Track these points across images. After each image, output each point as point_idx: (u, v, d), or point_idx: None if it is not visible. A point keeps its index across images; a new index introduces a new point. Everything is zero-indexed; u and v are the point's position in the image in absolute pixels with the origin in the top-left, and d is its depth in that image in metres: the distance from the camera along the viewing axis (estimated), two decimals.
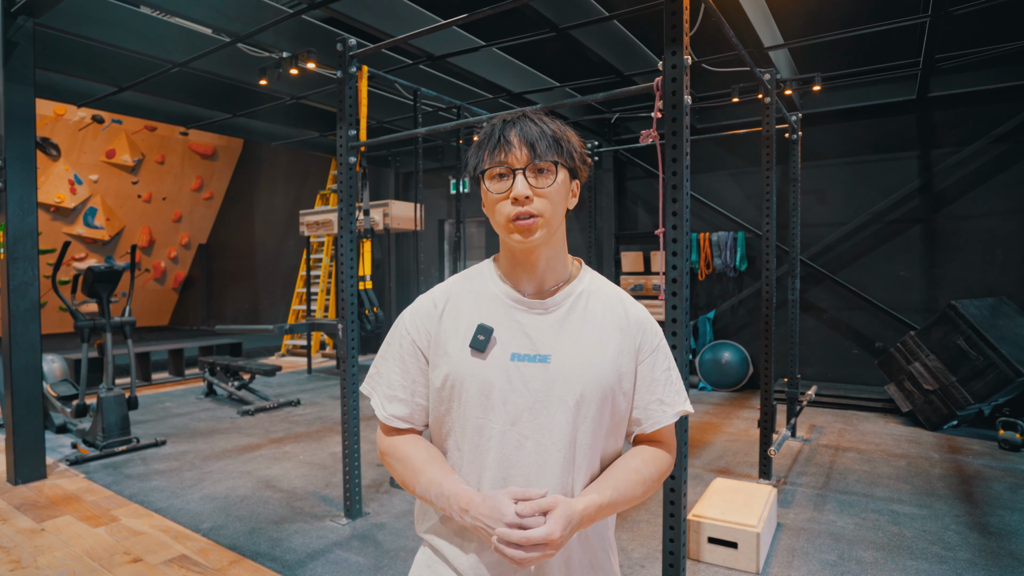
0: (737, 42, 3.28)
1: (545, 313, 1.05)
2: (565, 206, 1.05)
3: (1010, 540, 3.09)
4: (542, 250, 1.05)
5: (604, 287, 1.12)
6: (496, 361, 1.02)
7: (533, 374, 1.01)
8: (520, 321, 1.04)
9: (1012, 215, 5.78)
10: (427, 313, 1.10)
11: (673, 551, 2.24)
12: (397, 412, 1.09)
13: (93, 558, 2.95)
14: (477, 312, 1.06)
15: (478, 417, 1.02)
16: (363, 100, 3.76)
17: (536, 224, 1.00)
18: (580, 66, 5.96)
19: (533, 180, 1.00)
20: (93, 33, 4.89)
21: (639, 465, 1.05)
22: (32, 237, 4.03)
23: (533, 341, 1.03)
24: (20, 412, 3.99)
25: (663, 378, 1.10)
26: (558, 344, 1.03)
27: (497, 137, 1.02)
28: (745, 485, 3.34)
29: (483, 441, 1.02)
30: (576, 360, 1.02)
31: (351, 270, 3.37)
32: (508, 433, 1.01)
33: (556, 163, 1.01)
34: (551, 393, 1.01)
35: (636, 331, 1.09)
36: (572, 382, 1.01)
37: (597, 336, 1.05)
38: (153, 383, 7.58)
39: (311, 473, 4.22)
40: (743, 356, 7.06)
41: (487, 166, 1.02)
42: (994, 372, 4.89)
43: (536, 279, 1.07)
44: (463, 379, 1.02)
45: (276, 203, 12.42)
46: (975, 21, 4.85)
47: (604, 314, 1.08)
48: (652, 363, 1.09)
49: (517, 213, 0.99)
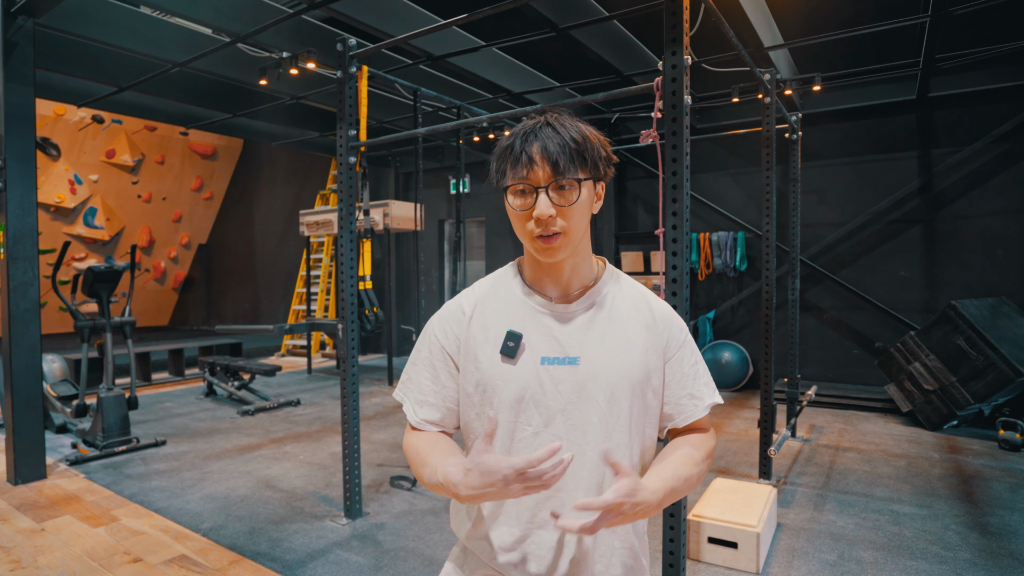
0: (737, 42, 3.28)
1: (572, 316, 1.06)
2: (590, 214, 1.05)
3: (1010, 540, 3.09)
4: (567, 260, 1.06)
5: (629, 287, 1.14)
6: (527, 366, 1.03)
7: (563, 376, 1.02)
8: (548, 325, 1.05)
9: (1012, 215, 5.78)
10: (456, 319, 1.11)
11: (673, 551, 2.24)
12: (428, 416, 1.11)
13: (93, 558, 2.95)
14: (505, 318, 1.07)
15: (509, 421, 1.03)
16: (363, 100, 3.76)
17: (560, 242, 1.01)
18: (580, 66, 5.96)
19: (556, 197, 0.99)
20: (93, 33, 4.89)
21: (689, 449, 1.07)
22: (32, 237, 4.03)
23: (562, 344, 1.04)
24: (20, 412, 3.99)
25: (691, 372, 1.11)
26: (586, 345, 1.04)
27: (519, 152, 1.00)
28: (745, 485, 3.34)
29: (514, 444, 1.03)
30: (604, 360, 1.04)
31: (351, 270, 3.37)
32: (542, 435, 1.02)
33: (579, 180, 1.00)
34: (582, 394, 1.02)
35: (663, 328, 1.10)
36: (602, 381, 1.02)
37: (624, 335, 1.06)
38: (153, 383, 7.58)
39: (311, 473, 4.22)
40: (743, 356, 7.06)
41: (509, 182, 1.02)
42: (994, 372, 4.89)
43: (562, 285, 1.08)
44: (495, 385, 1.03)
45: (276, 203, 12.42)
46: (975, 21, 4.85)
47: (630, 313, 1.09)
48: (680, 359, 1.11)
49: (539, 233, 1.00)
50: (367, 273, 6.41)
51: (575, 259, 1.07)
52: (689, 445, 1.08)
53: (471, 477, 0.89)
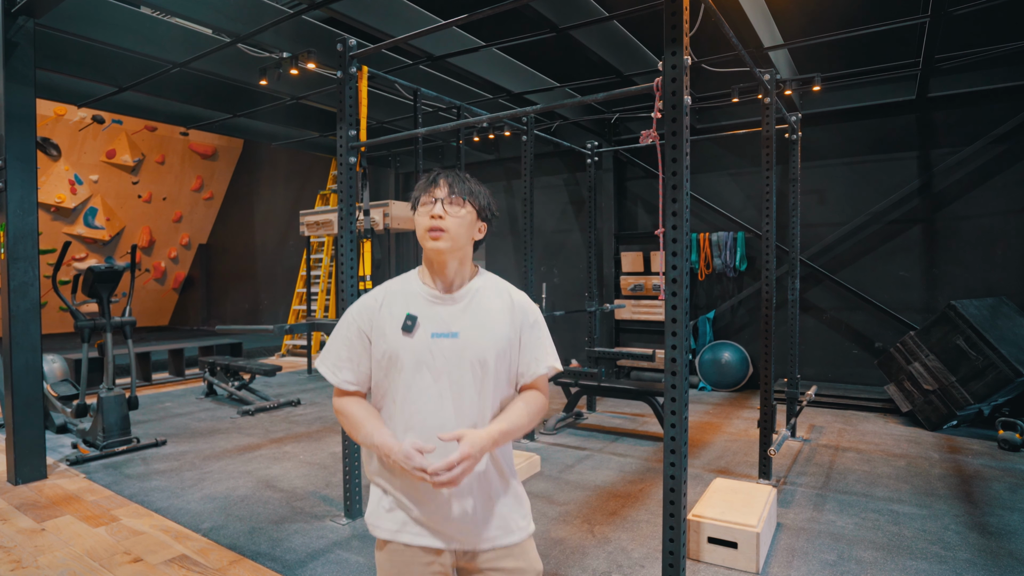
0: (737, 42, 3.28)
1: (453, 303, 1.46)
2: (471, 234, 1.47)
3: (1010, 540, 3.09)
4: (449, 260, 1.45)
5: (495, 283, 1.54)
6: (421, 339, 1.42)
7: (447, 346, 1.41)
8: (436, 310, 1.45)
9: (1012, 215, 5.78)
10: (369, 307, 1.48)
11: (673, 551, 2.24)
12: (347, 378, 1.46)
13: (93, 558, 2.95)
14: (406, 305, 1.45)
15: (408, 380, 1.41)
16: (363, 100, 3.76)
17: (443, 237, 1.41)
18: (580, 66, 5.96)
19: (447, 205, 1.43)
20: (93, 33, 4.89)
21: (523, 404, 1.47)
22: (32, 237, 4.03)
23: (446, 323, 1.43)
24: (20, 412, 4.00)
25: (538, 344, 1.51)
26: (464, 324, 1.44)
27: (433, 178, 1.47)
28: (745, 485, 3.34)
29: (412, 395, 1.41)
30: (476, 334, 1.43)
31: (351, 270, 3.37)
32: (431, 389, 1.40)
33: (464, 202, 1.45)
34: (461, 359, 1.41)
35: (519, 312, 1.50)
36: (474, 350, 1.42)
37: (491, 316, 1.46)
38: (153, 383, 7.58)
39: (311, 473, 4.22)
40: (743, 356, 7.06)
41: (422, 197, 1.46)
42: (994, 372, 4.90)
43: (446, 280, 1.47)
44: (398, 353, 1.41)
45: (276, 203, 12.42)
46: (975, 21, 4.86)
47: (494, 301, 1.49)
48: (531, 334, 1.51)
49: (432, 226, 1.41)
50: (367, 273, 6.40)
51: (456, 262, 1.46)
52: (523, 401, 1.48)
53: (397, 454, 1.31)
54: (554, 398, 6.76)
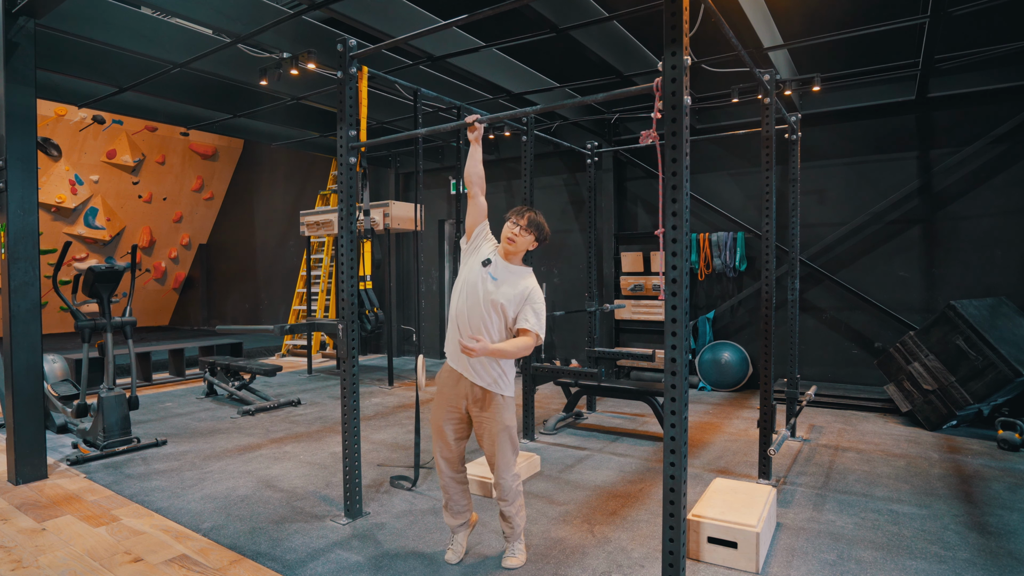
0: (737, 43, 3.29)
1: (504, 270, 2.74)
2: (527, 247, 2.78)
3: (1009, 540, 3.09)
4: (511, 256, 2.78)
5: (528, 276, 2.77)
6: (483, 275, 2.73)
7: (490, 288, 2.68)
8: (498, 265, 2.74)
9: (1012, 215, 5.79)
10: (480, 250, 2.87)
11: (673, 551, 2.25)
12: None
13: (94, 558, 2.96)
14: (492, 255, 2.80)
15: (462, 297, 2.76)
16: (363, 100, 3.76)
17: (511, 246, 2.76)
18: (580, 66, 5.96)
19: (518, 229, 2.74)
20: (94, 34, 4.89)
21: (518, 340, 2.68)
22: (33, 237, 4.04)
23: (498, 273, 2.72)
24: (21, 412, 4.00)
25: (530, 312, 2.70)
26: (500, 280, 2.71)
27: (522, 211, 2.76)
28: (745, 485, 3.34)
29: (457, 310, 2.77)
30: (503, 292, 2.69)
31: (351, 270, 3.38)
32: (476, 308, 2.70)
33: (531, 230, 2.75)
34: (489, 301, 2.68)
35: (525, 294, 2.71)
36: (497, 296, 2.67)
37: (515, 289, 2.71)
38: (154, 383, 7.59)
39: (311, 473, 4.23)
40: (743, 356, 7.07)
41: (513, 216, 2.77)
42: (993, 372, 4.90)
43: (507, 260, 2.78)
44: (470, 278, 2.77)
45: (276, 203, 12.42)
46: (974, 21, 4.86)
47: (520, 282, 2.73)
48: (528, 306, 2.71)
49: (509, 237, 2.75)
50: (367, 273, 6.41)
51: (515, 257, 2.79)
52: (519, 338, 2.68)
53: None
54: (554, 398, 6.76)
